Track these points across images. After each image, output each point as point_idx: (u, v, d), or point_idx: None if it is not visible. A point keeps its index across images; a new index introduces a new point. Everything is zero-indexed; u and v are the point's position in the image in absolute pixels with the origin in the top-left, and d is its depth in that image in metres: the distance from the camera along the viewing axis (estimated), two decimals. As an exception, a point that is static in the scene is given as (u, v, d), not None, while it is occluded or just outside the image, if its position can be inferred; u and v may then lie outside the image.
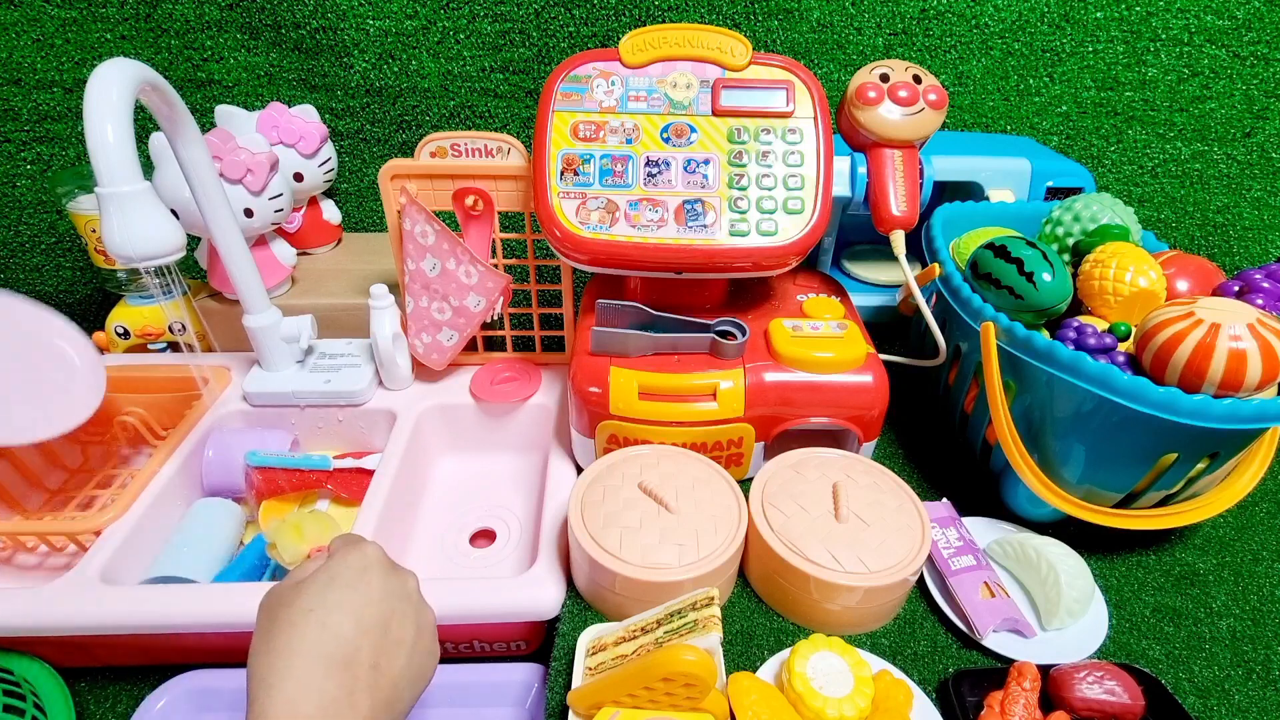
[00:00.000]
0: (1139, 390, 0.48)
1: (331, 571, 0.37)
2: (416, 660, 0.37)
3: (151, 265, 0.46)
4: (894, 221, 0.63)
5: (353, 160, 0.89)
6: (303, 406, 0.69)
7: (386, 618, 0.36)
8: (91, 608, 0.50)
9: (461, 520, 0.68)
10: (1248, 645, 0.52)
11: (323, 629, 0.34)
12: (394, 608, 0.37)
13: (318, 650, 0.33)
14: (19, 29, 0.78)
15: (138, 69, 0.47)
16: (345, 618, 0.35)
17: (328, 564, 0.38)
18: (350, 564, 0.38)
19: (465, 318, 0.67)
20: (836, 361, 0.59)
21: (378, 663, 0.34)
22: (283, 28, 0.81)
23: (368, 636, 0.35)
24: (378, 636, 0.35)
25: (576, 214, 0.58)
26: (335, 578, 0.36)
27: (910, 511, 0.54)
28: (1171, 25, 0.83)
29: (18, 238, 0.88)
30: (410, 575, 0.40)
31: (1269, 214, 0.93)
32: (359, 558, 0.38)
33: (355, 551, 0.39)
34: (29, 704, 0.48)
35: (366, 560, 0.38)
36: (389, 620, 0.36)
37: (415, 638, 0.37)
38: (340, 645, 0.34)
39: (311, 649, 0.33)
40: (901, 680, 0.46)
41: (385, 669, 0.35)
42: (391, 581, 0.38)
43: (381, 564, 0.39)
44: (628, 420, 0.58)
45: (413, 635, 0.37)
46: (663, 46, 0.59)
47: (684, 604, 0.44)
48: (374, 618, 0.36)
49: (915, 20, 0.83)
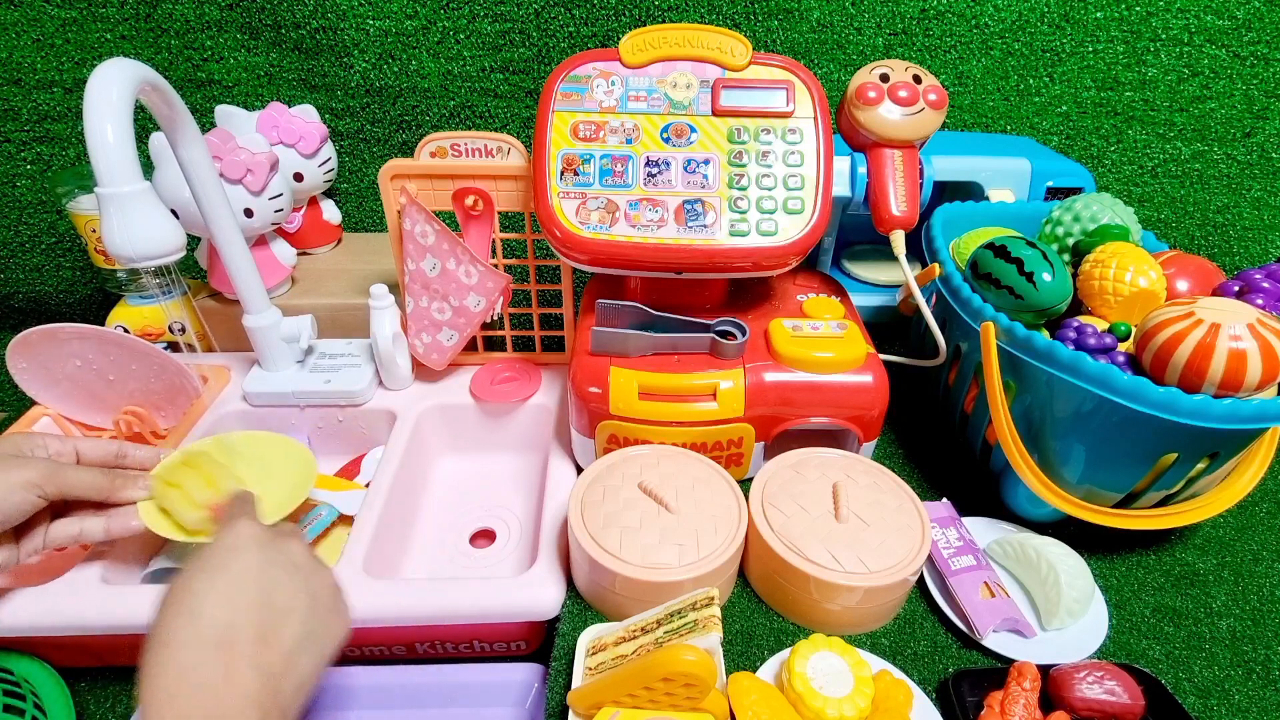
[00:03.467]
0: (1139, 390, 0.48)
1: (204, 557, 0.37)
2: (315, 625, 0.37)
3: (151, 265, 0.46)
4: (894, 221, 0.63)
5: (353, 160, 0.89)
6: (303, 406, 0.69)
7: (267, 591, 0.36)
8: (91, 608, 0.50)
9: (461, 520, 0.68)
10: (1248, 645, 0.52)
11: (192, 617, 0.34)
12: (275, 580, 0.37)
13: (188, 638, 0.33)
14: (19, 29, 0.78)
15: (138, 69, 0.47)
16: (215, 602, 0.35)
17: (204, 548, 0.38)
18: (221, 545, 0.38)
19: (465, 318, 0.67)
20: (836, 361, 0.59)
21: (263, 636, 0.35)
22: (283, 28, 0.81)
23: (247, 614, 0.35)
24: (258, 612, 0.35)
25: (576, 214, 0.58)
26: (206, 562, 0.37)
27: (910, 511, 0.54)
28: (1171, 25, 0.83)
29: (18, 238, 0.88)
30: (293, 540, 0.41)
31: (1269, 214, 0.93)
32: (230, 538, 0.38)
33: (227, 533, 0.39)
34: (29, 704, 0.48)
35: (237, 539, 0.38)
36: (271, 593, 0.36)
37: (309, 604, 0.38)
38: (213, 629, 0.34)
39: (183, 638, 0.33)
40: (901, 680, 0.46)
41: (274, 639, 0.35)
42: (270, 554, 0.38)
43: (255, 539, 0.39)
44: (628, 420, 0.58)
45: (305, 601, 0.38)
46: (663, 46, 0.59)
47: (684, 604, 0.44)
48: (251, 594, 0.36)
49: (915, 20, 0.83)
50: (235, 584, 0.36)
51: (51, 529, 0.48)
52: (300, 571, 0.39)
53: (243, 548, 0.38)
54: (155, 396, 0.64)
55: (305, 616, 0.37)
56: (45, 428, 0.63)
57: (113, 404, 0.64)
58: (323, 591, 0.39)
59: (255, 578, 0.37)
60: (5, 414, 0.76)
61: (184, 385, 0.64)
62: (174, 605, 0.35)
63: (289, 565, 0.39)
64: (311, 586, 0.39)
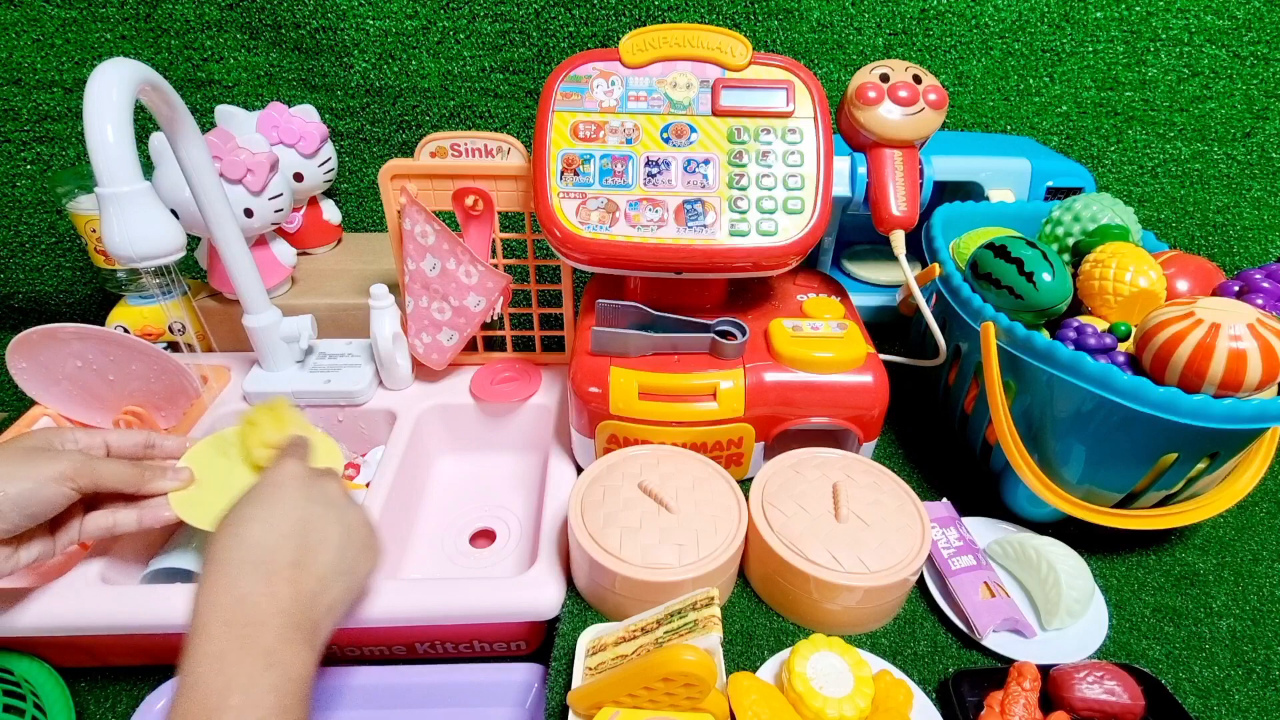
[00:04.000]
0: (1139, 390, 0.48)
1: (251, 493, 0.42)
2: (349, 554, 0.42)
3: (151, 265, 0.46)
4: (894, 221, 0.63)
5: (353, 160, 0.89)
6: (303, 406, 0.69)
7: (305, 522, 0.41)
8: (91, 608, 0.50)
9: (461, 520, 0.68)
10: (1248, 645, 0.52)
11: (238, 540, 0.39)
12: (312, 513, 0.42)
13: (233, 556, 0.38)
14: (19, 29, 0.78)
15: (138, 69, 0.47)
16: (259, 527, 0.40)
17: (252, 485, 0.43)
18: (267, 482, 0.43)
19: (465, 318, 0.67)
20: (836, 361, 0.59)
21: (299, 560, 0.39)
22: (283, 28, 0.81)
23: (285, 540, 0.39)
24: (296, 539, 0.40)
25: (576, 214, 0.58)
26: (252, 496, 0.42)
27: (910, 511, 0.54)
28: (1171, 25, 0.83)
29: (18, 238, 0.88)
30: (331, 480, 0.45)
31: (1269, 214, 0.93)
32: (275, 474, 0.43)
33: (273, 471, 0.44)
34: (29, 704, 0.48)
35: (281, 475, 0.43)
36: (307, 524, 0.41)
37: (343, 534, 0.42)
38: (254, 550, 0.39)
39: (229, 556, 0.38)
40: (901, 680, 0.46)
41: (308, 564, 0.40)
42: (310, 489, 0.43)
43: (296, 477, 0.43)
44: (628, 420, 0.58)
45: (339, 533, 0.42)
46: (663, 46, 0.59)
47: (684, 604, 0.44)
48: (289, 523, 0.40)
49: (915, 20, 0.83)
50: (279, 514, 0.41)
51: (86, 521, 0.48)
52: (335, 507, 0.43)
53: (285, 483, 0.43)
54: (155, 396, 0.64)
55: (338, 547, 0.42)
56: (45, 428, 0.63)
57: (113, 404, 0.64)
58: (356, 527, 0.44)
59: (294, 510, 0.41)
60: (5, 414, 0.76)
61: (184, 385, 0.64)
62: (225, 530, 0.40)
63: (325, 501, 0.43)
64: (345, 521, 0.43)
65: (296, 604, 0.38)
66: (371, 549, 0.45)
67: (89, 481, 0.45)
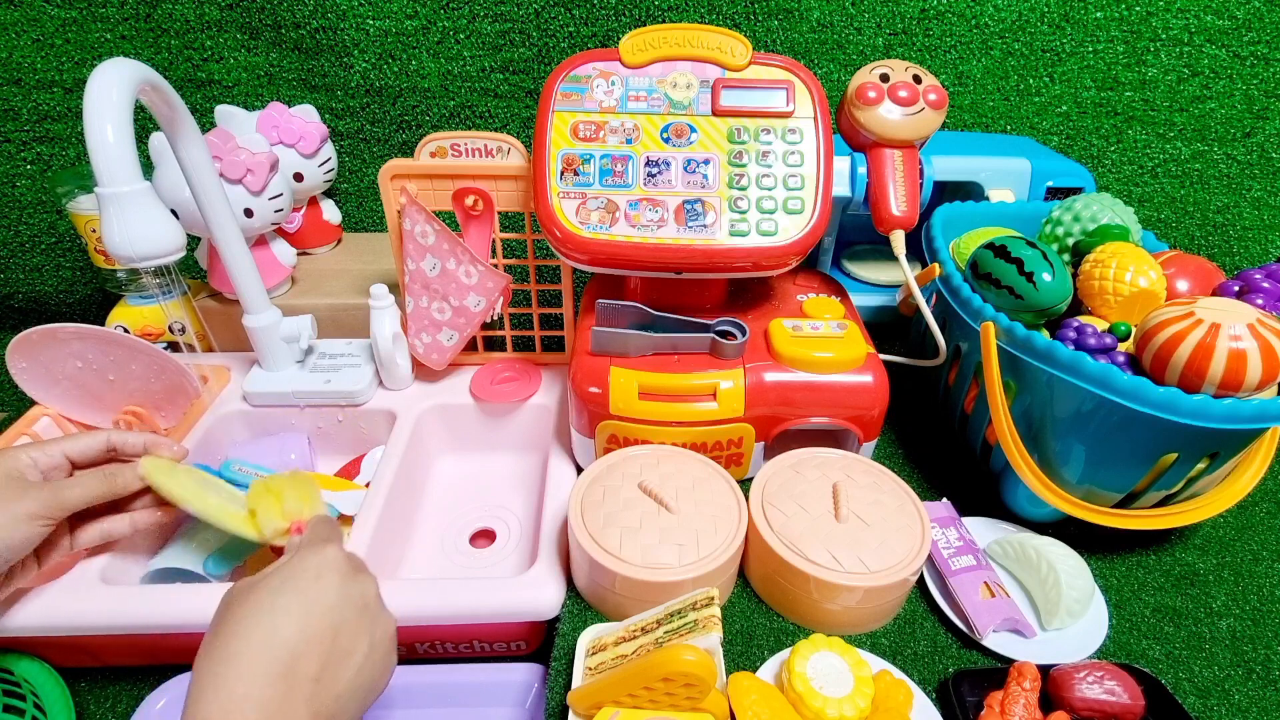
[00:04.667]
0: (1139, 390, 0.48)
1: (286, 573, 0.36)
2: (366, 673, 0.37)
3: (151, 265, 0.46)
4: (894, 221, 0.63)
5: (353, 160, 0.89)
6: (303, 406, 0.69)
7: (336, 627, 0.36)
8: (91, 608, 0.50)
9: (461, 520, 0.68)
10: (1248, 645, 0.52)
11: (268, 641, 0.33)
12: (346, 618, 0.36)
13: (261, 655, 0.33)
14: (19, 29, 0.78)
15: (138, 69, 0.47)
16: (292, 624, 0.34)
17: (287, 564, 0.37)
18: (308, 566, 0.37)
19: (465, 318, 0.67)
20: (836, 361, 0.59)
21: (321, 675, 0.34)
22: (283, 28, 0.81)
23: (314, 646, 0.34)
24: (325, 647, 0.35)
25: (576, 214, 0.58)
26: (288, 580, 0.36)
27: (910, 511, 0.54)
28: (1171, 25, 0.83)
29: (18, 238, 0.88)
30: (370, 581, 0.40)
31: (1269, 214, 0.93)
32: (317, 560, 0.37)
33: (314, 554, 0.38)
34: (29, 704, 0.48)
35: (324, 564, 0.37)
36: (339, 630, 0.36)
37: (367, 651, 0.37)
38: (285, 652, 0.33)
39: (256, 654, 0.33)
40: (901, 680, 0.46)
41: (328, 682, 0.34)
42: (349, 588, 0.37)
43: (339, 569, 0.38)
44: (628, 420, 0.58)
45: (365, 648, 0.37)
46: (663, 46, 0.59)
47: (684, 604, 0.44)
48: (322, 627, 0.35)
49: (915, 20, 0.83)
50: (314, 613, 0.35)
51: (77, 535, 0.48)
52: (368, 614, 0.38)
53: (326, 575, 0.37)
54: (155, 396, 0.64)
55: (361, 662, 0.36)
56: (45, 428, 0.63)
57: (113, 404, 0.64)
58: (381, 639, 0.39)
59: (331, 611, 0.36)
60: (5, 414, 0.76)
61: (184, 385, 0.64)
62: (252, 617, 0.34)
63: (361, 605, 0.38)
64: (374, 631, 0.38)
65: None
66: (389, 664, 0.39)
67: (60, 512, 0.44)
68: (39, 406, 0.64)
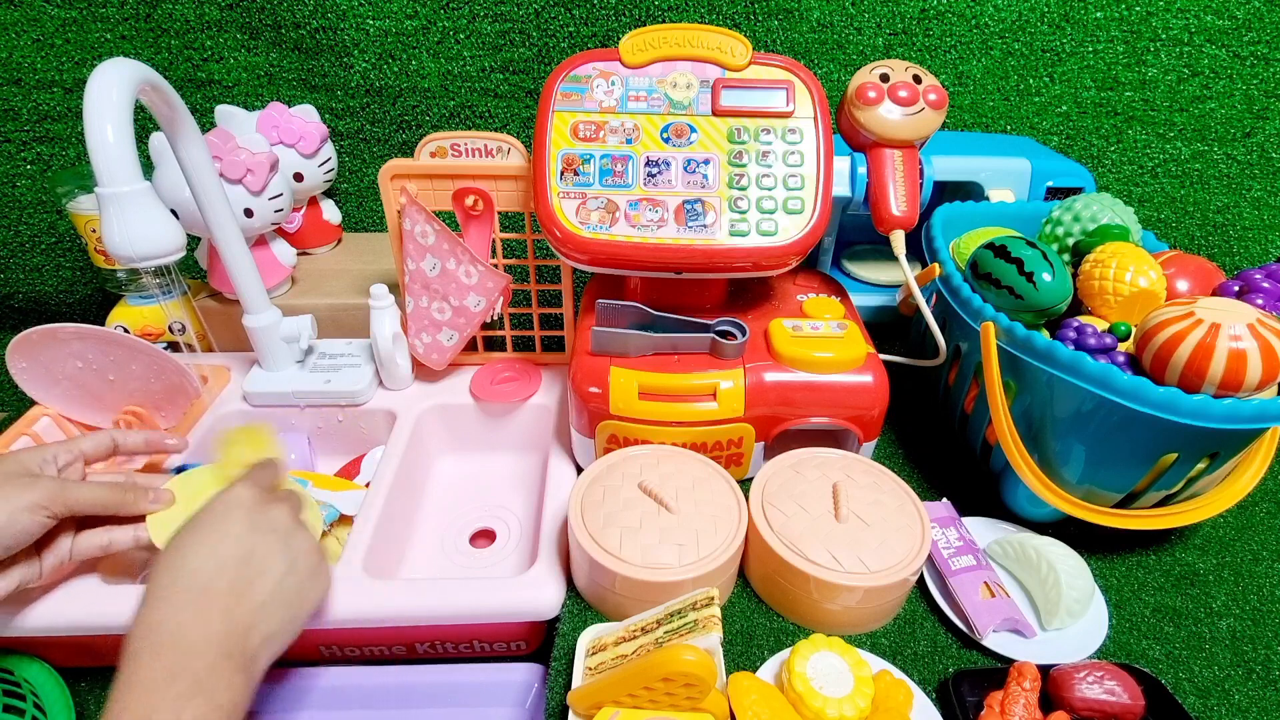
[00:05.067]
0: (1139, 390, 0.48)
1: (195, 519, 0.42)
2: (290, 585, 0.42)
3: (151, 265, 0.46)
4: (894, 221, 0.63)
5: (353, 160, 0.89)
6: (303, 406, 0.69)
7: (248, 550, 0.41)
8: (91, 608, 0.50)
9: (461, 520, 0.68)
10: (1248, 645, 0.52)
11: (177, 566, 0.39)
12: (256, 540, 0.42)
13: (170, 582, 0.39)
14: (19, 29, 0.78)
15: (138, 69, 0.47)
16: (199, 554, 0.40)
17: (199, 511, 0.43)
18: (214, 508, 0.43)
19: (465, 318, 0.67)
20: (836, 361, 0.59)
21: (236, 589, 0.39)
22: (283, 28, 0.81)
23: (224, 568, 0.40)
24: (236, 567, 0.40)
25: (576, 214, 0.58)
26: (196, 524, 0.42)
27: (910, 511, 0.54)
28: (1171, 25, 0.83)
29: (18, 238, 0.88)
30: (280, 507, 0.45)
31: (1269, 214, 0.93)
32: (221, 502, 0.43)
33: (222, 497, 0.44)
34: (29, 704, 0.48)
35: (228, 503, 0.43)
36: (252, 551, 0.41)
37: (287, 567, 0.42)
38: (191, 576, 0.39)
39: (166, 582, 0.39)
40: (901, 680, 0.46)
41: (245, 593, 0.40)
42: (258, 518, 0.43)
43: (244, 505, 0.43)
44: (628, 420, 0.58)
45: (283, 564, 0.42)
46: (663, 46, 0.59)
47: (684, 604, 0.44)
48: (233, 552, 0.40)
49: (915, 20, 0.83)
50: (222, 542, 0.41)
51: (78, 540, 0.48)
52: (280, 535, 0.43)
53: (231, 510, 0.43)
54: (155, 396, 0.64)
55: (280, 576, 0.42)
56: (45, 428, 0.63)
57: (113, 404, 0.64)
58: (301, 555, 0.44)
59: (237, 537, 0.41)
60: (5, 414, 0.76)
61: (184, 385, 0.64)
62: (167, 555, 0.40)
63: (270, 528, 0.43)
64: (291, 550, 0.43)
65: (230, 633, 0.38)
66: (316, 577, 0.45)
67: (64, 508, 0.45)
68: (39, 406, 0.64)
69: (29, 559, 0.46)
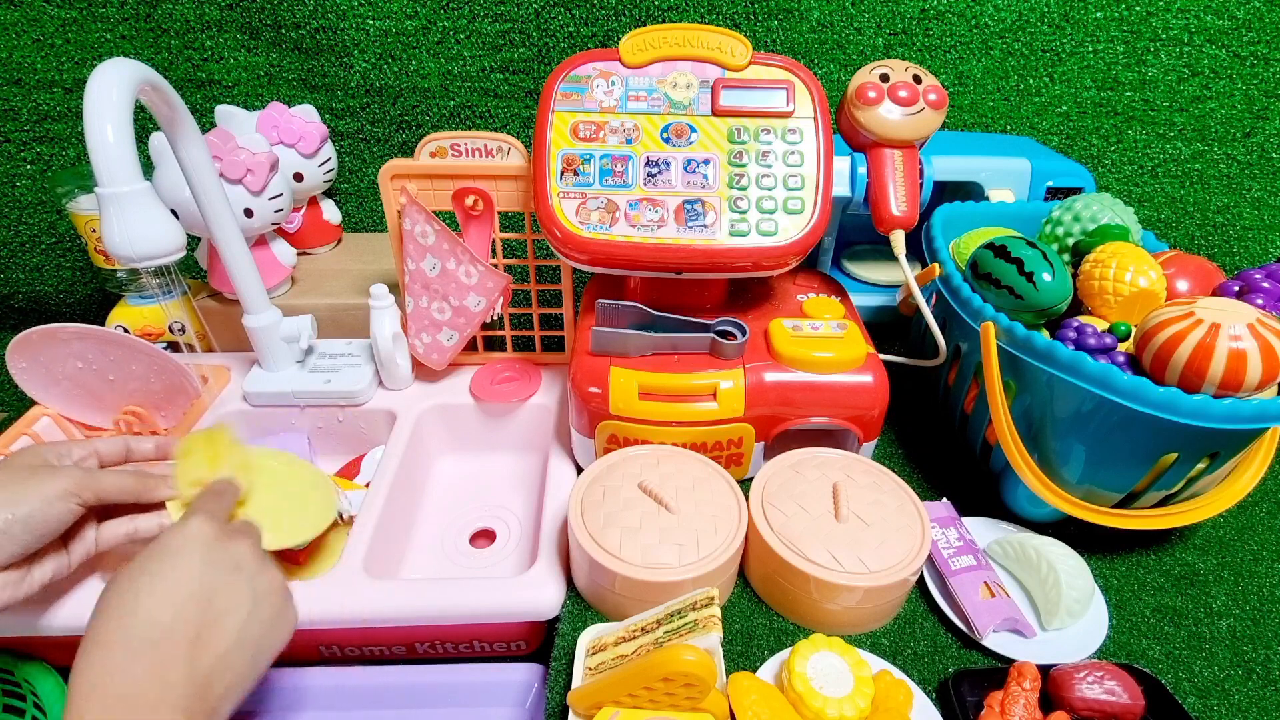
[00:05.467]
0: (1139, 390, 0.48)
1: (147, 554, 0.38)
2: (254, 628, 0.38)
3: (151, 265, 0.46)
4: (894, 221, 0.63)
5: (353, 160, 0.89)
6: (303, 406, 0.69)
7: (209, 591, 0.37)
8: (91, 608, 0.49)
9: (461, 520, 0.68)
10: (1248, 645, 0.52)
11: (130, 614, 0.35)
12: (218, 580, 0.38)
13: (123, 634, 0.34)
14: (19, 29, 0.78)
15: (138, 69, 0.47)
16: (154, 600, 0.36)
17: (151, 545, 0.39)
18: (167, 546, 0.38)
19: (465, 318, 0.67)
20: (836, 361, 0.59)
21: (199, 635, 0.35)
22: (283, 28, 0.81)
23: (183, 613, 0.36)
24: (197, 611, 0.36)
25: (576, 214, 0.58)
26: (148, 560, 0.37)
27: (910, 511, 0.54)
28: (1171, 25, 0.83)
29: (18, 238, 0.88)
30: (241, 542, 0.41)
31: (1269, 214, 0.93)
32: (178, 539, 0.39)
33: (177, 531, 0.39)
34: (29, 704, 0.48)
35: (185, 538, 0.39)
36: (212, 593, 0.37)
37: (251, 608, 0.38)
38: (148, 627, 0.34)
39: (116, 634, 0.34)
40: (901, 680, 0.46)
41: (208, 640, 0.36)
42: (215, 554, 0.39)
43: (202, 540, 0.39)
44: (628, 420, 0.58)
45: (247, 605, 0.38)
46: (663, 46, 0.59)
47: (684, 604, 0.44)
48: (189, 594, 0.36)
49: (915, 20, 0.83)
50: (178, 584, 0.37)
51: (103, 530, 0.48)
52: (243, 573, 0.39)
53: (188, 549, 0.38)
54: (155, 396, 0.65)
55: (244, 619, 0.38)
56: (45, 428, 0.63)
57: (113, 404, 0.64)
58: (266, 594, 0.40)
59: (197, 578, 0.37)
60: (5, 414, 0.76)
61: (184, 385, 0.64)
62: (112, 603, 0.36)
63: (232, 566, 0.39)
64: (255, 588, 0.39)
65: (191, 688, 0.34)
66: (283, 615, 0.41)
67: (93, 495, 0.45)
68: (39, 406, 0.64)
69: (57, 550, 0.45)
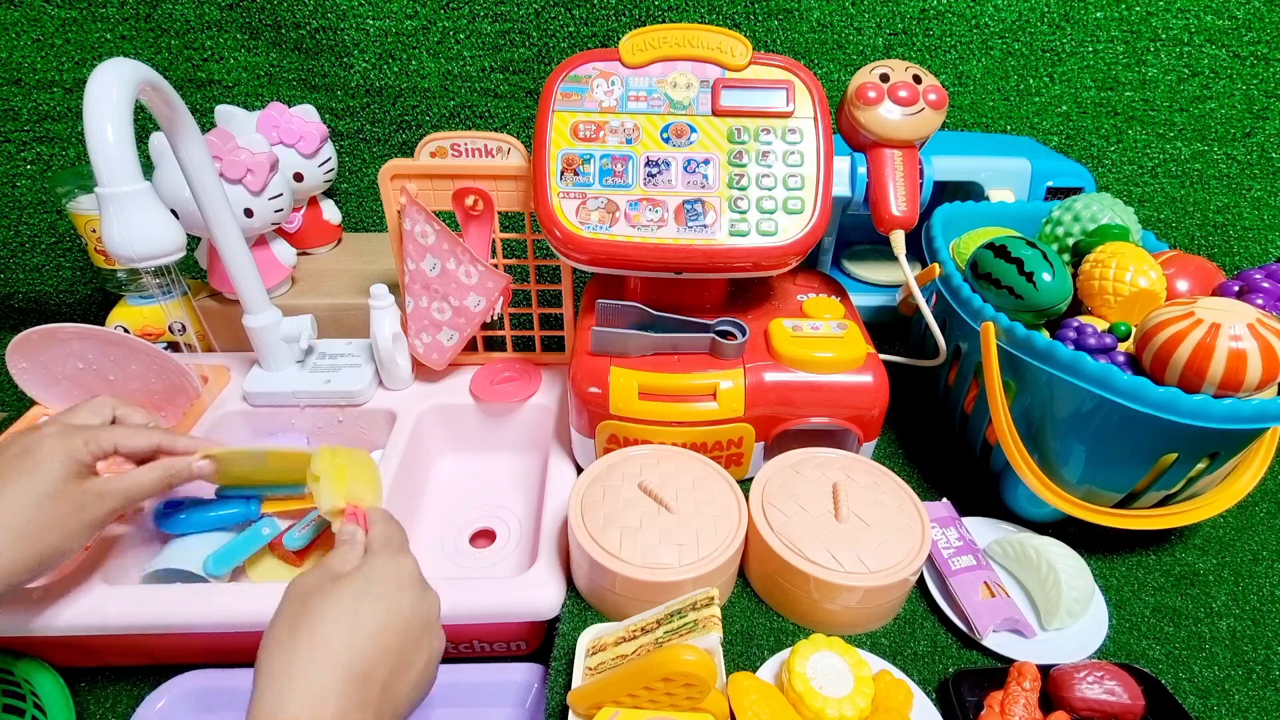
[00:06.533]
0: (1139, 390, 0.48)
1: (368, 580, 0.37)
2: (420, 688, 0.38)
3: (151, 265, 0.46)
4: (894, 221, 0.63)
5: (353, 160, 0.89)
6: (303, 406, 0.69)
7: (406, 643, 0.37)
8: (91, 608, 0.50)
9: (461, 520, 0.68)
10: (1248, 645, 0.52)
11: (350, 644, 0.34)
12: (415, 634, 0.37)
13: (341, 662, 0.33)
14: (19, 29, 0.78)
15: (138, 69, 0.47)
16: (372, 637, 0.35)
17: (365, 569, 0.38)
18: (387, 576, 0.38)
19: (465, 318, 0.67)
20: (836, 361, 0.59)
21: (388, 683, 0.35)
22: (283, 28, 0.81)
23: (386, 658, 0.35)
24: (395, 659, 0.36)
25: (576, 214, 0.58)
26: (369, 590, 0.37)
27: (910, 511, 0.54)
28: (1171, 25, 0.83)
29: (18, 238, 0.88)
30: (434, 598, 0.41)
31: (1269, 214, 0.93)
32: (396, 569, 0.39)
33: (394, 563, 0.39)
34: (29, 704, 0.48)
35: (403, 574, 0.39)
36: (407, 645, 0.37)
37: (424, 666, 0.38)
38: (362, 663, 0.34)
39: (336, 660, 0.34)
40: (901, 680, 0.46)
41: (391, 691, 0.35)
42: (420, 605, 0.39)
43: (416, 584, 0.39)
44: (628, 420, 0.58)
45: (423, 663, 0.38)
46: (663, 46, 0.59)
47: (684, 604, 0.44)
48: (396, 641, 0.36)
49: (915, 20, 0.83)
50: (391, 627, 0.36)
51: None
52: (430, 630, 0.39)
53: (406, 589, 0.38)
54: (155, 396, 0.64)
55: (418, 677, 0.37)
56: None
57: (113, 404, 0.64)
58: (435, 655, 0.40)
59: (404, 626, 0.37)
60: (5, 414, 0.76)
61: (184, 385, 0.64)
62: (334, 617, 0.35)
63: (426, 621, 0.39)
64: (432, 647, 0.39)
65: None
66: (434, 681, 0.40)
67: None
68: (39, 406, 0.64)
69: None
